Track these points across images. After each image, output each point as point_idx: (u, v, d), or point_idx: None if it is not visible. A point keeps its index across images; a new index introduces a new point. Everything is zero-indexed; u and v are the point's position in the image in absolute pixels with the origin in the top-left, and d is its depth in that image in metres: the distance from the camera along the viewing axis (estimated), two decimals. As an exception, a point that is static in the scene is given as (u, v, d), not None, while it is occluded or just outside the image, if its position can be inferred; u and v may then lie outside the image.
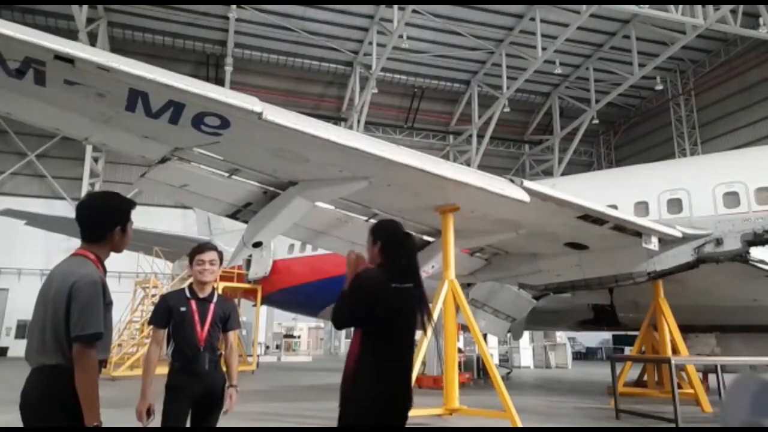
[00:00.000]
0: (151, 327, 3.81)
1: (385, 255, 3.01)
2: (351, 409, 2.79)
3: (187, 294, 3.85)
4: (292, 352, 30.85)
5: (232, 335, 3.99)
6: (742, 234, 9.17)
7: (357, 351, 2.85)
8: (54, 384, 2.36)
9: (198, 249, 3.91)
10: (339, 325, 2.98)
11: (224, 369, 3.87)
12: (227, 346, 3.95)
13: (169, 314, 3.75)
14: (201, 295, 3.82)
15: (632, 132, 37.57)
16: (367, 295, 2.84)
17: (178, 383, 3.64)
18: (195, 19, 27.69)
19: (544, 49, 26.01)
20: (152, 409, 3.50)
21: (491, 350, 17.68)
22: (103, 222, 2.60)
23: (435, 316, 7.74)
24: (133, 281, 20.04)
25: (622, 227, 9.15)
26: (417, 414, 7.47)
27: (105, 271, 2.57)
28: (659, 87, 32.22)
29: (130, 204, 2.74)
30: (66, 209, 27.92)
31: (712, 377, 11.39)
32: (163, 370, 3.68)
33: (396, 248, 3.03)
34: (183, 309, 3.75)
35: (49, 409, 2.36)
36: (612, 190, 11.97)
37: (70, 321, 2.35)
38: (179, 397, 3.62)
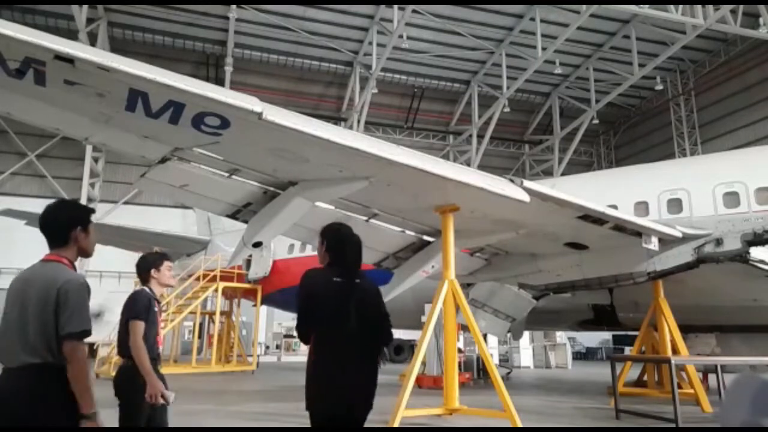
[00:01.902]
0: (136, 322, 3.78)
1: (330, 253, 3.27)
2: (306, 401, 3.05)
3: (152, 295, 3.94)
4: (292, 352, 30.80)
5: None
6: (742, 234, 9.17)
7: (311, 347, 3.12)
8: (44, 382, 2.47)
9: (165, 256, 4.18)
10: (301, 333, 3.16)
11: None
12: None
13: (147, 311, 3.80)
14: (158, 299, 3.98)
15: (632, 132, 37.56)
16: (311, 288, 3.12)
17: (143, 383, 3.63)
18: (195, 19, 27.69)
19: (544, 49, 26.00)
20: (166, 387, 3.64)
21: (491, 350, 17.68)
22: (63, 224, 2.76)
23: (435, 316, 7.76)
24: (132, 281, 20.02)
25: (622, 227, 9.15)
26: (417, 414, 7.48)
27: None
28: (659, 87, 32.21)
29: (88, 208, 2.96)
30: (66, 209, 27.94)
31: (712, 377, 11.39)
32: (165, 370, 3.68)
33: (340, 246, 3.27)
34: (155, 309, 3.88)
35: (44, 407, 2.44)
36: (612, 190, 11.97)
37: (59, 320, 2.49)
38: (143, 397, 3.62)
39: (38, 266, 2.72)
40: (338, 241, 3.30)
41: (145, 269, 4.05)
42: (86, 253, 2.84)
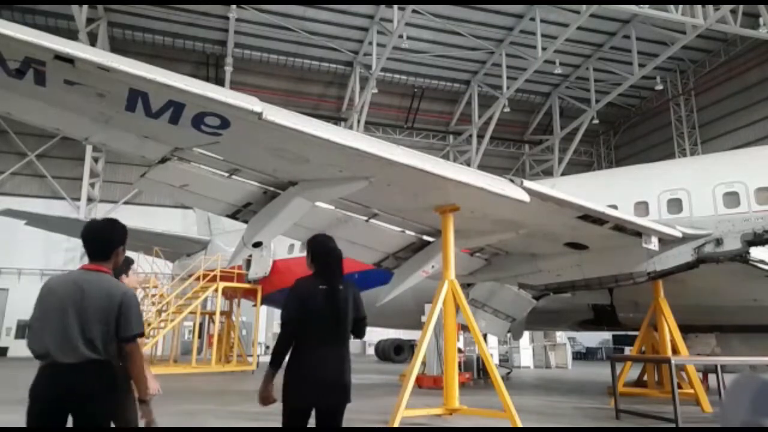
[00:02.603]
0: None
1: (315, 264, 3.71)
2: (282, 387, 3.46)
3: None
4: (292, 352, 30.91)
5: None
6: (742, 234, 9.17)
7: (294, 343, 3.53)
8: (108, 374, 2.95)
9: (131, 261, 4.54)
10: (287, 331, 3.54)
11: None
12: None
13: None
14: None
15: (632, 132, 37.58)
16: (301, 295, 3.55)
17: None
18: (195, 19, 27.71)
19: (544, 49, 26.01)
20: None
21: (491, 350, 17.68)
22: (113, 242, 3.20)
23: (435, 316, 7.76)
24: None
25: (622, 227, 9.14)
26: (417, 414, 7.48)
27: None
28: (659, 87, 32.23)
29: (126, 229, 3.34)
30: (66, 209, 27.95)
31: (712, 377, 11.39)
32: (165, 370, 3.68)
33: (323, 258, 3.71)
34: None
35: (115, 396, 2.98)
36: (612, 190, 11.97)
37: (121, 325, 2.97)
38: None
39: (88, 275, 3.07)
40: (321, 254, 3.75)
41: (116, 276, 4.20)
42: (116, 266, 3.27)
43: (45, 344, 2.90)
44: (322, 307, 3.50)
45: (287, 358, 3.51)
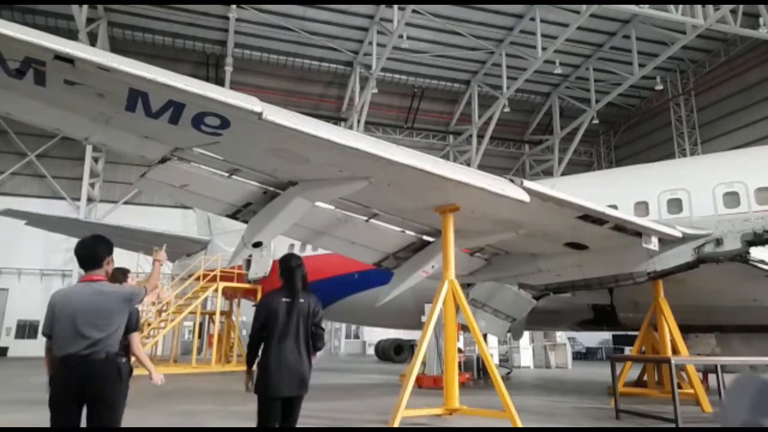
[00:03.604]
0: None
1: (282, 279, 4.54)
2: (255, 380, 4.30)
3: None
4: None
5: None
6: (742, 234, 9.17)
7: (264, 345, 4.35)
8: (118, 364, 3.68)
9: (126, 272, 5.11)
10: (255, 337, 4.38)
11: None
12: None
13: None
14: None
15: (632, 132, 37.57)
16: (267, 306, 4.38)
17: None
18: (195, 19, 27.70)
19: (544, 49, 26.00)
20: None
21: (491, 350, 17.68)
22: (101, 255, 3.85)
23: (435, 316, 7.76)
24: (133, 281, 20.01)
25: (622, 227, 9.14)
26: (417, 414, 7.48)
27: None
28: (659, 87, 32.22)
29: (111, 243, 3.97)
30: (66, 209, 27.93)
31: (712, 377, 11.39)
32: (165, 370, 3.70)
33: (289, 276, 4.50)
34: None
35: (122, 378, 3.71)
36: (612, 190, 11.96)
37: (131, 320, 3.89)
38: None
39: (100, 285, 3.75)
40: (286, 271, 4.52)
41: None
42: (109, 274, 3.94)
43: (61, 341, 3.51)
44: (284, 316, 4.29)
45: (260, 357, 4.29)
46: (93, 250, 3.83)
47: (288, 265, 4.52)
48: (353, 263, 12.34)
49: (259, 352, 4.35)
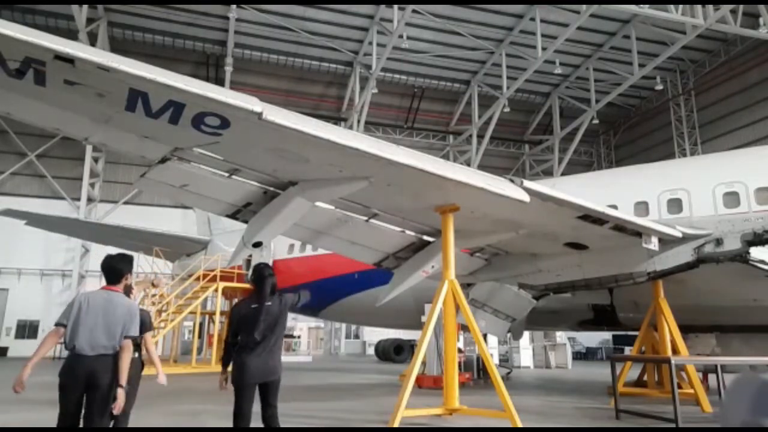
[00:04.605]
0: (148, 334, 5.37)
1: (253, 285, 5.06)
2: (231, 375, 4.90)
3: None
4: (292, 352, 30.81)
5: None
6: (742, 234, 9.16)
7: (238, 346, 4.91)
8: (113, 364, 4.14)
9: (129, 287, 5.40)
10: (232, 340, 4.95)
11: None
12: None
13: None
14: None
15: (632, 132, 37.58)
16: (238, 314, 4.97)
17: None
18: (195, 19, 27.70)
19: (544, 49, 26.01)
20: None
21: (491, 350, 17.68)
22: (122, 271, 4.50)
23: (435, 316, 7.76)
24: (132, 281, 20.00)
25: (622, 227, 9.14)
26: (417, 414, 7.48)
27: None
28: (659, 87, 32.23)
29: (132, 259, 4.69)
30: (66, 209, 27.94)
31: (712, 377, 11.39)
32: (165, 370, 3.69)
33: (259, 283, 5.00)
34: None
35: (113, 376, 4.12)
36: (612, 190, 11.96)
37: (126, 328, 4.24)
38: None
39: (112, 294, 4.35)
40: (257, 279, 5.03)
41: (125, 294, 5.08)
42: (127, 287, 4.59)
43: (75, 339, 4.04)
44: (253, 319, 4.82)
45: (235, 356, 4.87)
46: (116, 266, 4.48)
47: (261, 274, 5.05)
48: (353, 263, 12.34)
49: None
